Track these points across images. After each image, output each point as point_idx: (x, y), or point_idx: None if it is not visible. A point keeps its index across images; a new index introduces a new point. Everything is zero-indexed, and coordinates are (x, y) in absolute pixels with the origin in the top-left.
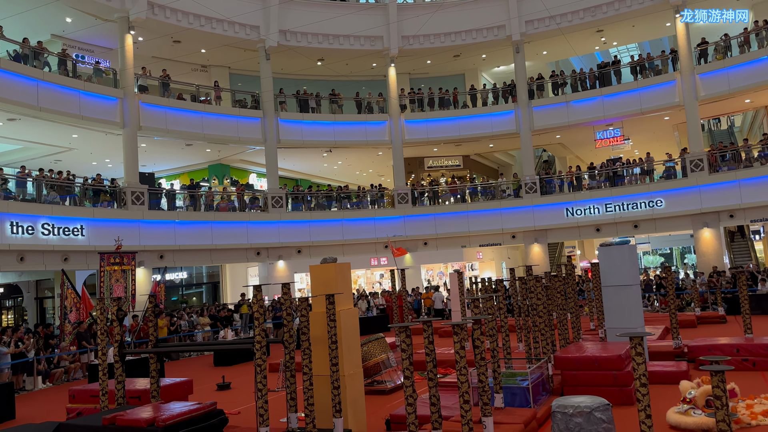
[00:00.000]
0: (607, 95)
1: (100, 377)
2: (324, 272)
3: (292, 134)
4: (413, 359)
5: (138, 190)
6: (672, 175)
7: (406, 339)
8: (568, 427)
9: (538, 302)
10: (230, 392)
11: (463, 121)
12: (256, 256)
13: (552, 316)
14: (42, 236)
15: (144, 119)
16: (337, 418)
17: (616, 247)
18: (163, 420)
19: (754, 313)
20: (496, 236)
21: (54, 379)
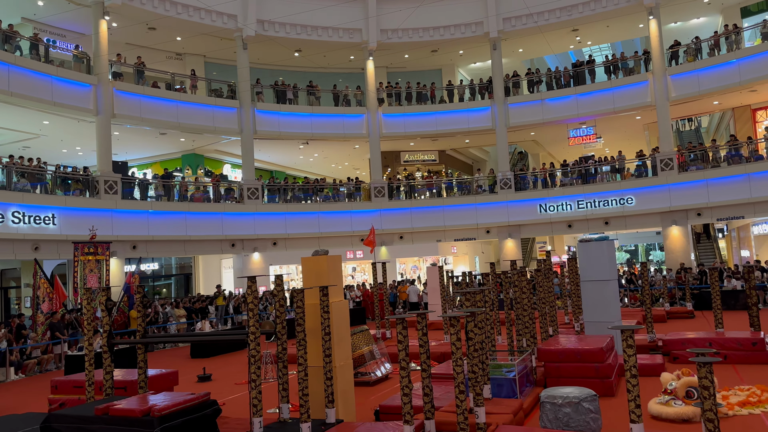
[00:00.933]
0: (581, 94)
1: (87, 367)
2: (316, 264)
3: (268, 125)
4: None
5: (111, 179)
6: (643, 174)
7: (402, 330)
8: (557, 416)
9: (522, 296)
10: (211, 384)
11: (440, 116)
12: (231, 247)
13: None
14: (12, 224)
15: (118, 107)
16: (330, 408)
17: (595, 243)
18: (158, 410)
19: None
20: (471, 231)
21: (27, 370)
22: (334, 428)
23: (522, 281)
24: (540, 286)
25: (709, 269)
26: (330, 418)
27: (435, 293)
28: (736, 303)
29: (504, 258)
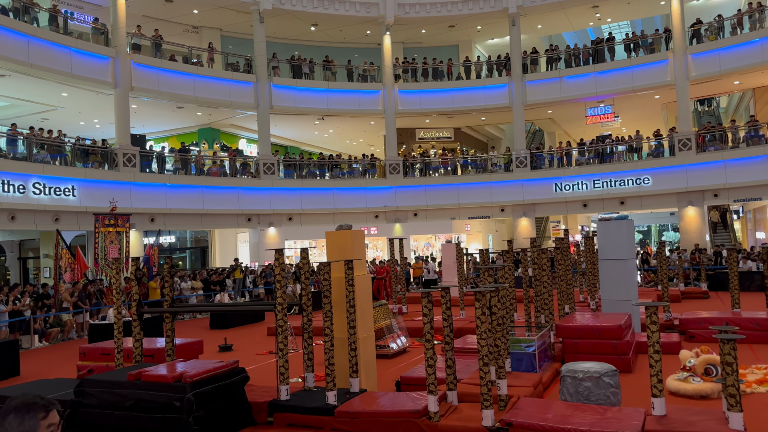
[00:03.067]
0: (600, 72)
1: (116, 335)
2: (340, 238)
3: (284, 100)
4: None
5: (129, 152)
6: (660, 154)
7: (428, 304)
8: (578, 390)
9: (542, 273)
10: (232, 354)
11: (457, 93)
12: (247, 222)
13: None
14: (33, 196)
15: (136, 80)
16: (354, 378)
17: (614, 222)
18: (190, 376)
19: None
20: (485, 209)
21: (50, 338)
22: (358, 397)
23: (542, 258)
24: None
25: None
26: (354, 388)
27: (450, 270)
28: (751, 284)
29: (518, 236)
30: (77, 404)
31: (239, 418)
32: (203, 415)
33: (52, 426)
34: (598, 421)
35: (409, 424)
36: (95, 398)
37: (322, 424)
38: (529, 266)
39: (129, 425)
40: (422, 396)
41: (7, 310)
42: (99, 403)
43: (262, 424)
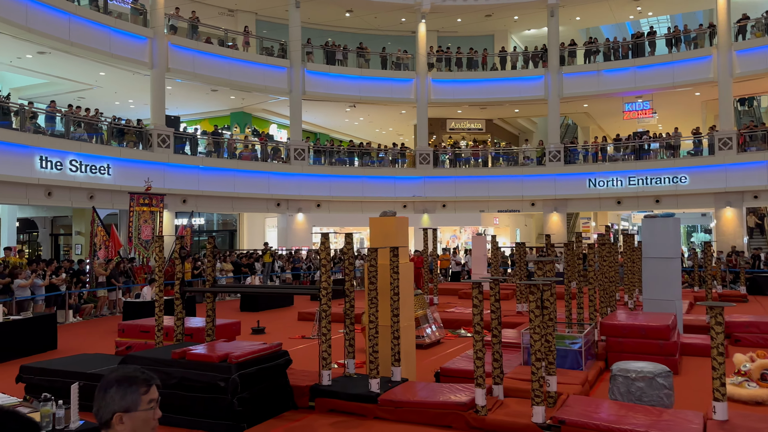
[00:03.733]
0: (640, 66)
1: (157, 313)
2: (384, 225)
3: (317, 86)
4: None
5: (164, 133)
6: (698, 152)
7: (478, 295)
8: (630, 390)
9: (589, 269)
10: (265, 336)
11: (491, 84)
12: (276, 207)
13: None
14: (70, 173)
15: (172, 61)
16: (396, 367)
17: (660, 220)
18: (235, 357)
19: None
20: (515, 203)
21: (84, 314)
22: (401, 386)
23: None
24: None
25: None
26: (395, 376)
27: (480, 262)
28: None
29: (548, 232)
30: None
31: (281, 401)
32: (247, 397)
33: (152, 402)
34: (655, 423)
35: (455, 417)
36: None
37: (365, 412)
38: (561, 262)
39: (173, 403)
40: (466, 388)
41: (44, 284)
42: None
43: (303, 408)
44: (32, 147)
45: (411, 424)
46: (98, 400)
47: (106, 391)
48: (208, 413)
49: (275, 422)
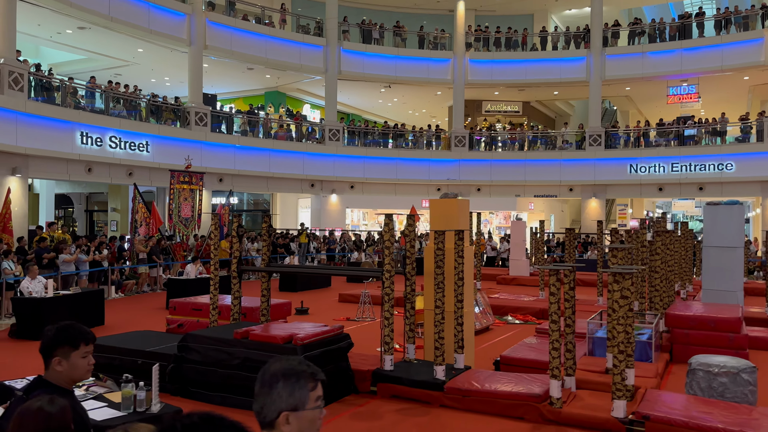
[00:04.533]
0: (686, 48)
1: (212, 291)
2: (445, 207)
3: (353, 66)
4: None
5: (202, 111)
6: (746, 139)
7: (556, 283)
8: (711, 386)
9: (656, 257)
10: (309, 317)
11: (530, 65)
12: (310, 187)
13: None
14: (109, 149)
15: (210, 38)
16: (459, 354)
17: (724, 207)
18: (301, 338)
19: None
20: (552, 188)
21: (125, 290)
22: (465, 374)
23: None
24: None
25: None
26: (458, 364)
27: (518, 248)
28: None
29: (586, 218)
30: (180, 359)
31: (343, 385)
32: None
33: (319, 399)
34: (746, 422)
35: (528, 408)
36: (199, 354)
37: (430, 399)
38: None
39: (235, 384)
40: (535, 378)
41: (88, 260)
42: (203, 360)
43: (365, 393)
44: (73, 122)
45: (479, 414)
46: (262, 396)
47: (272, 387)
48: None
49: (338, 407)
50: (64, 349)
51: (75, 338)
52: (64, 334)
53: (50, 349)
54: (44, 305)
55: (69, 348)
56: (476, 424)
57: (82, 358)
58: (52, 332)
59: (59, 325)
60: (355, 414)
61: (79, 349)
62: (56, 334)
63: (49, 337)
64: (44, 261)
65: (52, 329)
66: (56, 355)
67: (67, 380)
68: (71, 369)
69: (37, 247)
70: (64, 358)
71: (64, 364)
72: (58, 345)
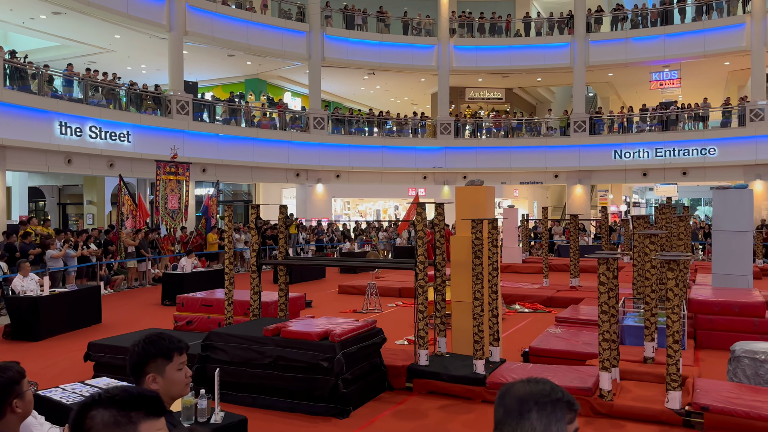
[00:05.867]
0: (669, 34)
1: (227, 287)
2: (472, 195)
3: (336, 52)
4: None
5: (183, 99)
6: (727, 124)
7: (606, 272)
8: (758, 373)
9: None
10: (313, 310)
11: (515, 51)
12: (295, 177)
13: None
14: (89, 139)
15: (190, 24)
16: (494, 347)
17: (734, 191)
18: (338, 335)
19: None
20: (538, 174)
21: (115, 286)
22: (503, 367)
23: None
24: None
25: None
26: (494, 357)
27: (510, 235)
28: None
29: (571, 204)
30: (205, 359)
31: (378, 382)
32: (350, 378)
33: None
34: None
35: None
36: (226, 353)
37: (471, 395)
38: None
39: (266, 384)
40: (579, 370)
41: (76, 255)
42: (230, 359)
43: (400, 389)
44: (51, 112)
45: None
46: (507, 426)
47: (521, 417)
48: (308, 395)
49: (376, 405)
50: (156, 363)
51: (167, 349)
52: (155, 346)
53: (141, 365)
54: (41, 304)
55: (162, 361)
56: None
57: (177, 371)
58: (139, 347)
59: (145, 338)
60: (396, 413)
61: (173, 361)
62: (145, 347)
63: (138, 353)
64: (30, 257)
65: (138, 344)
66: (149, 372)
67: (165, 399)
68: (168, 385)
69: (22, 242)
70: (159, 374)
71: (159, 381)
72: (149, 360)
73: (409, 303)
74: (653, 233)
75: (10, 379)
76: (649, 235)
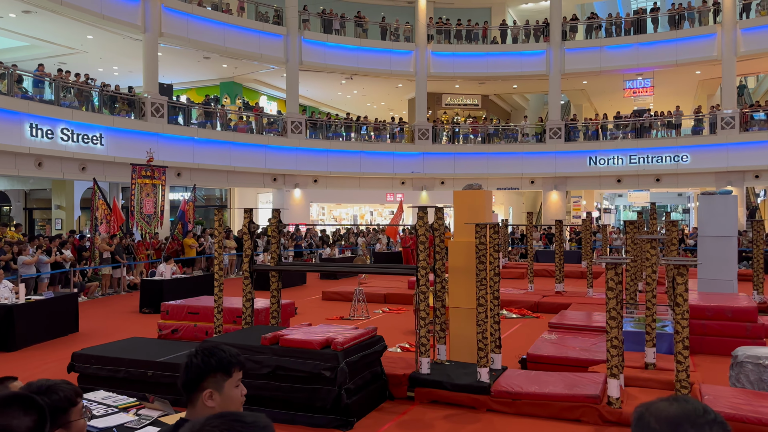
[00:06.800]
0: (642, 43)
1: (216, 293)
2: (470, 199)
3: (314, 56)
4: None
5: (158, 102)
6: (698, 132)
7: (614, 277)
8: (762, 378)
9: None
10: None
11: (491, 58)
12: (272, 182)
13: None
14: (61, 142)
15: (165, 25)
16: (496, 354)
17: (719, 197)
18: (341, 344)
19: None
20: (515, 180)
21: (89, 293)
22: (505, 375)
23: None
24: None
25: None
26: (496, 364)
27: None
28: None
29: (547, 210)
30: None
31: (379, 391)
32: (352, 388)
33: None
34: None
35: (586, 410)
36: None
37: (475, 404)
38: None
39: (264, 395)
40: (584, 378)
41: (49, 261)
42: None
43: (401, 399)
44: (22, 113)
45: (533, 418)
46: None
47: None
48: (309, 407)
49: (378, 415)
50: (216, 378)
51: (228, 362)
52: (216, 359)
53: (198, 380)
54: (16, 312)
55: (222, 376)
56: (535, 429)
57: (235, 388)
58: (198, 358)
59: (202, 349)
60: (401, 424)
61: (232, 377)
62: (205, 359)
63: (197, 365)
64: (1, 263)
65: (196, 355)
66: (206, 388)
67: None
68: (226, 403)
69: None
70: (217, 390)
71: (216, 398)
72: (208, 374)
73: (396, 309)
74: (653, 238)
75: (55, 404)
76: (649, 240)
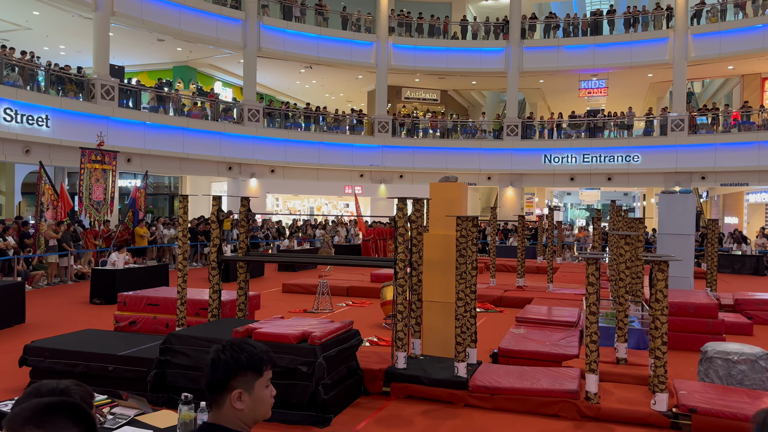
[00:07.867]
0: (599, 44)
1: (180, 284)
2: (447, 191)
3: (273, 43)
4: None
5: (108, 84)
6: (649, 133)
7: (594, 272)
8: (731, 373)
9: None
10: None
11: (452, 53)
12: (227, 171)
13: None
14: (3, 122)
15: (118, 4)
16: (472, 348)
17: (679, 196)
18: (318, 337)
19: (722, 271)
20: (472, 176)
21: (33, 282)
22: (481, 370)
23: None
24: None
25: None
26: (471, 358)
27: None
28: (741, 267)
29: (503, 206)
30: (164, 363)
31: (354, 387)
32: (329, 383)
33: None
34: None
35: (564, 405)
36: (188, 358)
37: (453, 399)
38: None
39: None
40: (561, 372)
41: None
42: (194, 364)
43: (377, 394)
44: None
45: (511, 413)
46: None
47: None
48: (284, 403)
49: (355, 411)
50: (246, 377)
51: (259, 360)
52: (246, 355)
53: (227, 379)
54: None
55: (253, 374)
56: (515, 425)
57: (266, 388)
58: (226, 354)
59: (230, 345)
60: (379, 420)
61: (263, 376)
62: (234, 356)
63: (226, 362)
64: None
65: (224, 351)
66: (235, 388)
67: (248, 421)
68: (256, 404)
69: None
70: (246, 391)
71: (245, 399)
72: (239, 372)
73: (360, 302)
74: (627, 234)
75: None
76: (624, 236)
